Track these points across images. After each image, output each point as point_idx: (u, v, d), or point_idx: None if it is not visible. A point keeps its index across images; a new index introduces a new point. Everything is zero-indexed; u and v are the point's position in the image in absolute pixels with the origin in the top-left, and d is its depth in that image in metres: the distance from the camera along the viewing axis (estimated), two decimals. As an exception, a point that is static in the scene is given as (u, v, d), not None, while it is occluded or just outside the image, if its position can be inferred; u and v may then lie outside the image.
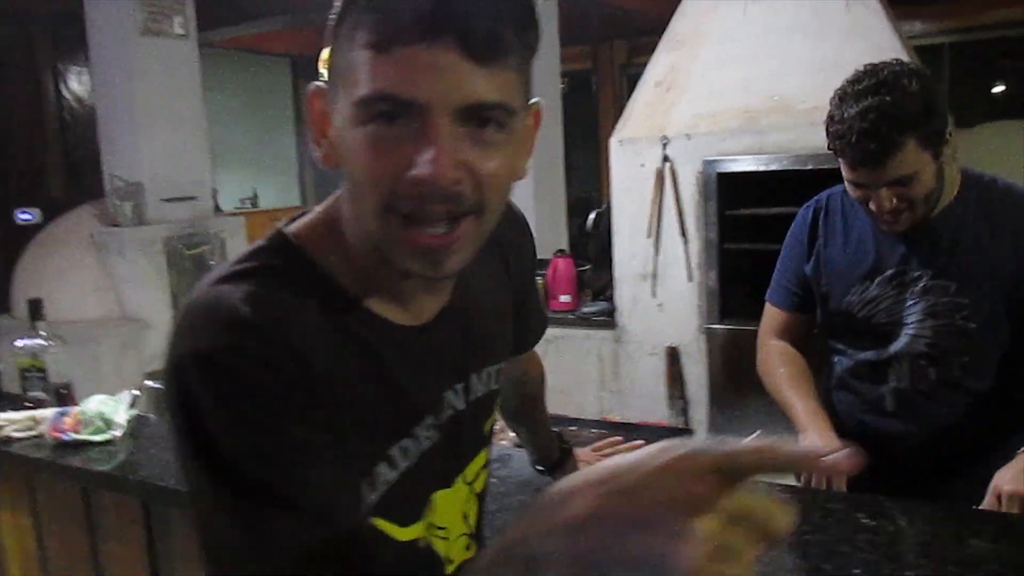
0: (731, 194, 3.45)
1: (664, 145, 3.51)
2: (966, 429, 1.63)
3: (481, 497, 0.99)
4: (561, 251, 4.13)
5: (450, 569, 0.93)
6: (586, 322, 3.87)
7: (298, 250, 0.80)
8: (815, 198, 1.80)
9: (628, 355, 3.78)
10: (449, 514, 0.92)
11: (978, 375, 1.63)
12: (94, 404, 1.92)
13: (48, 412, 1.95)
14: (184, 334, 0.73)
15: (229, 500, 0.70)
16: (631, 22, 7.08)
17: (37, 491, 1.97)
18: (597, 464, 0.54)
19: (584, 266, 4.17)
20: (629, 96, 3.94)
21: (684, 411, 3.64)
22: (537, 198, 4.78)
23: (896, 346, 1.66)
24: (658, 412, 3.70)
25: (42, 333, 2.09)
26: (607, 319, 3.81)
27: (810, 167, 3.21)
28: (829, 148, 1.56)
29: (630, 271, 3.71)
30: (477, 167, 0.73)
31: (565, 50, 5.43)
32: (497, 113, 0.73)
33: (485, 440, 0.99)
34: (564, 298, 3.95)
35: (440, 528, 0.91)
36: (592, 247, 4.19)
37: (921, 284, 1.62)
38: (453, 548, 0.94)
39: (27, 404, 2.07)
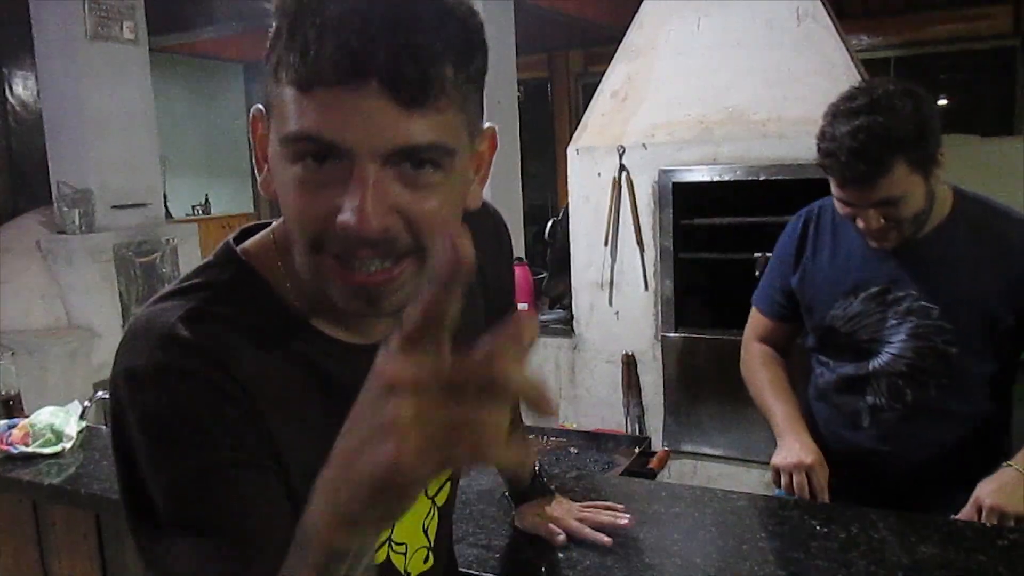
0: (686, 204, 3.49)
1: (620, 154, 3.54)
2: (942, 450, 1.63)
3: (445, 511, 0.98)
4: (518, 259, 4.14)
5: None
6: (543, 330, 3.88)
7: (246, 266, 0.79)
8: (806, 208, 1.78)
9: (585, 363, 3.80)
10: (408, 529, 0.92)
11: (956, 398, 1.62)
12: (44, 416, 1.88)
13: (-5, 425, 1.90)
14: (121, 351, 0.73)
15: (146, 520, 0.70)
16: (587, 31, 7.14)
17: (-17, 506, 1.92)
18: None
19: (541, 274, 4.19)
20: (585, 104, 3.97)
21: (640, 418, 3.67)
22: (494, 206, 4.78)
23: (876, 363, 1.66)
24: (614, 420, 3.72)
25: (-11, 344, 2.04)
26: (564, 327, 3.83)
27: (762, 178, 3.27)
28: (818, 164, 1.54)
29: (587, 279, 3.74)
30: (411, 210, 0.69)
31: (521, 58, 5.46)
32: (433, 154, 0.68)
33: None
34: (521, 306, 3.96)
35: (399, 544, 0.91)
36: (549, 255, 4.21)
37: (905, 304, 1.61)
38: (412, 562, 0.94)
39: (-27, 417, 2.02)
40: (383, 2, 0.64)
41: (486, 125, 0.77)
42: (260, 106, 0.75)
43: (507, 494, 1.43)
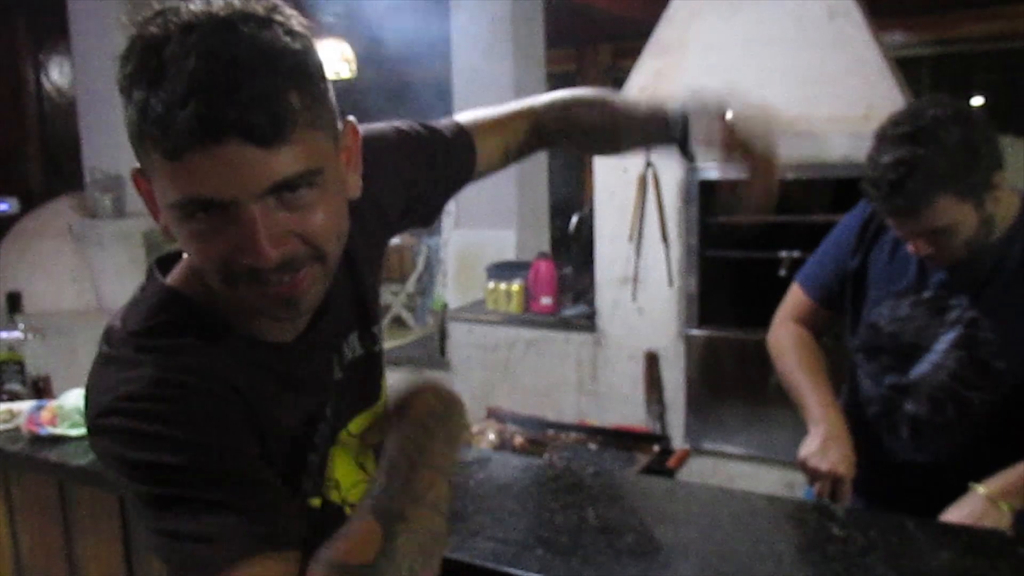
0: (712, 201, 3.48)
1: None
2: (981, 468, 1.52)
3: (379, 446, 1.00)
4: (543, 254, 4.14)
5: (348, 511, 0.99)
6: (566, 325, 3.88)
7: (188, 301, 0.86)
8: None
9: (607, 359, 3.80)
10: (342, 467, 0.98)
11: (1001, 416, 1.54)
12: (72, 398, 1.91)
13: (25, 405, 1.94)
14: (102, 389, 0.80)
15: (173, 523, 0.78)
16: (616, 26, 7.10)
17: (12, 484, 1.95)
18: None
19: (565, 269, 4.19)
20: (613, 101, 3.94)
21: (661, 416, 3.66)
22: (520, 200, 4.78)
23: (917, 372, 1.61)
24: (636, 416, 3.71)
25: (20, 326, 2.08)
26: (587, 322, 3.83)
27: (791, 177, 3.24)
28: (860, 190, 1.51)
29: (611, 275, 3.73)
30: (301, 228, 0.77)
31: (550, 52, 5.44)
32: (305, 179, 0.75)
33: (374, 396, 1.04)
34: (545, 300, 3.97)
35: (334, 480, 0.98)
36: (573, 250, 4.21)
37: (954, 313, 1.56)
38: (350, 495, 0.99)
39: (4, 397, 2.06)
40: (216, 62, 0.70)
41: (347, 120, 0.84)
42: (137, 166, 0.80)
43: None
